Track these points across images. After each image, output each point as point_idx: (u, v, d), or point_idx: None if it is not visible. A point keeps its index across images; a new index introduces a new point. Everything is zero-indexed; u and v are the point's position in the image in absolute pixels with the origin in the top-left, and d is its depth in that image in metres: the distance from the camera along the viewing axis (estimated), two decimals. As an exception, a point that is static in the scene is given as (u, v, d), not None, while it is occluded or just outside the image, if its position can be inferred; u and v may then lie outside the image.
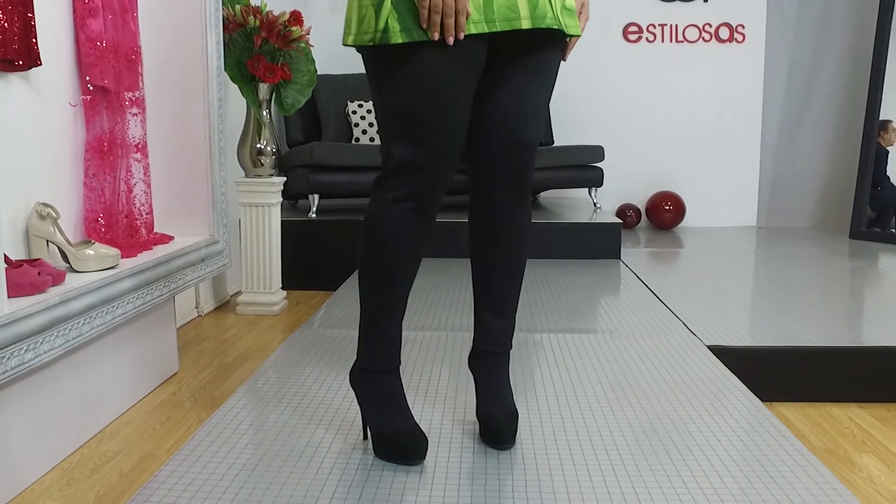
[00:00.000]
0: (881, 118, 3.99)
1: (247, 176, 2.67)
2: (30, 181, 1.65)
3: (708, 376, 1.67)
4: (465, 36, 1.09)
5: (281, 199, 2.73)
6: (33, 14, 1.61)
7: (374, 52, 1.14)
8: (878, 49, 3.95)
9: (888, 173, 4.11)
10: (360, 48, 1.17)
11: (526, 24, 1.13)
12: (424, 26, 1.08)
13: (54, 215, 1.64)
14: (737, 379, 1.65)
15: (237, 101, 2.78)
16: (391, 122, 1.16)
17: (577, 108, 4.18)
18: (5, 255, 1.48)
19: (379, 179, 1.20)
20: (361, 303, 1.25)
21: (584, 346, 1.89)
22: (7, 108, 1.58)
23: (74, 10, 1.82)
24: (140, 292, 1.75)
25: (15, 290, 1.41)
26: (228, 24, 2.49)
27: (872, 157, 3.97)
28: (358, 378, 1.26)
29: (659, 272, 2.93)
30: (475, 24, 1.10)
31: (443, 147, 1.15)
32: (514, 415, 1.30)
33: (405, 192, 1.17)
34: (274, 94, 2.67)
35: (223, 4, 2.49)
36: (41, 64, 1.63)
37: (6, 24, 1.56)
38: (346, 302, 2.41)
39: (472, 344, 1.36)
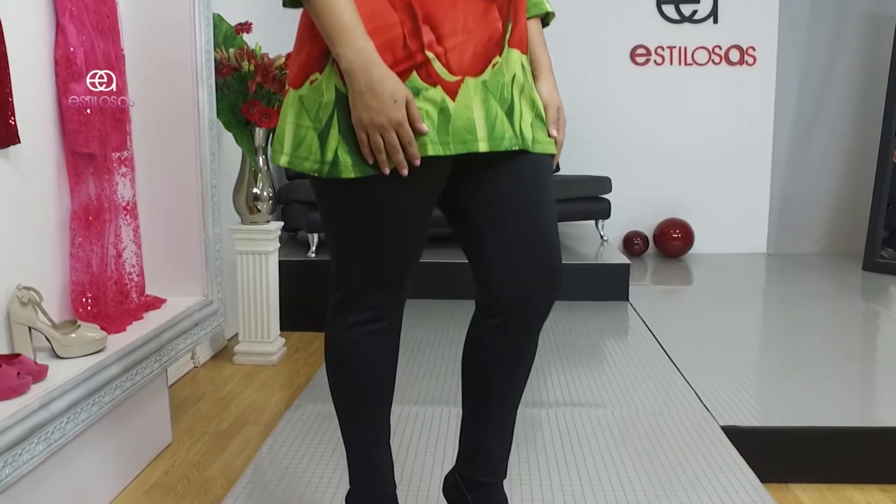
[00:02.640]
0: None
1: (243, 222, 2.59)
2: (10, 262, 1.57)
3: (721, 468, 1.59)
4: (423, 160, 1.00)
5: (279, 245, 2.65)
6: (11, 90, 1.53)
7: (320, 179, 1.04)
8: (895, 68, 3.82)
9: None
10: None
11: (483, 147, 1.03)
12: (370, 162, 0.99)
13: (37, 299, 1.57)
14: (752, 473, 1.57)
15: (232, 144, 2.69)
16: (344, 249, 1.08)
17: (582, 132, 4.08)
18: (-17, 352, 1.41)
19: (336, 304, 1.13)
20: (341, 431, 1.18)
21: (590, 425, 1.81)
22: (-15, 191, 1.50)
23: (57, 76, 1.73)
24: (129, 374, 1.68)
25: (-9, 396, 1.34)
26: (222, 69, 2.40)
27: (888, 182, 3.86)
28: (354, 505, 1.19)
29: (668, 320, 2.82)
30: (433, 146, 1.00)
31: (402, 269, 1.09)
32: None
33: (366, 315, 1.10)
34: (270, 138, 2.58)
35: (216, 46, 2.40)
36: (20, 142, 1.54)
37: (-18, 103, 1.48)
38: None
39: (458, 474, 1.22)
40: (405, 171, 0.99)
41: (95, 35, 1.84)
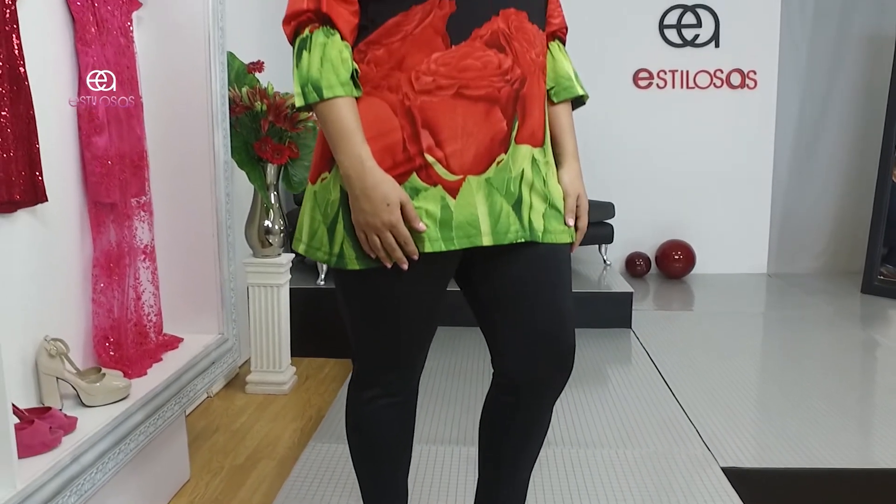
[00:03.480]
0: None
1: (255, 256, 2.65)
2: (37, 313, 1.63)
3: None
4: (426, 254, 1.06)
5: (290, 277, 2.71)
6: (38, 148, 1.58)
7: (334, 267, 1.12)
8: (895, 86, 3.86)
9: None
10: None
11: (487, 241, 1.08)
12: (373, 257, 1.06)
13: (64, 350, 1.63)
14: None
15: (243, 178, 2.75)
16: (358, 331, 1.16)
17: (585, 154, 4.08)
18: (15, 406, 1.47)
19: (353, 378, 1.21)
20: (361, 492, 1.25)
21: (595, 466, 1.86)
22: (12, 248, 1.55)
23: (80, 129, 1.79)
24: (152, 419, 1.74)
25: (26, 451, 1.40)
26: (235, 108, 2.46)
27: (887, 204, 3.92)
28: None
29: (671, 349, 2.89)
30: (432, 242, 1.05)
31: (412, 352, 1.16)
32: None
33: (380, 391, 1.18)
34: (282, 172, 2.64)
35: (229, 85, 2.46)
36: (47, 200, 1.60)
37: (11, 164, 1.53)
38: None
39: None
40: (405, 266, 1.05)
41: (115, 86, 1.90)
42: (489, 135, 1.06)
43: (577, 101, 1.25)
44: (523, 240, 1.10)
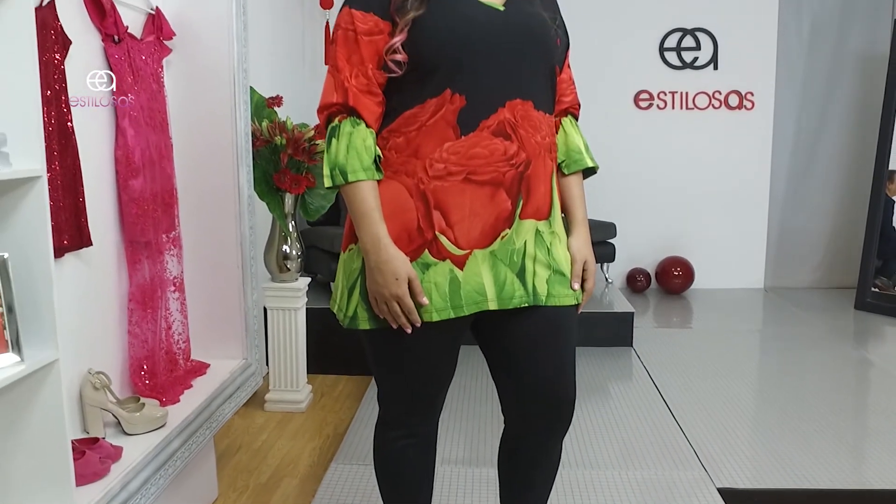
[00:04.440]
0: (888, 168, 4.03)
1: (273, 280, 2.77)
2: (80, 347, 1.75)
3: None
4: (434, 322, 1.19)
5: (306, 300, 2.84)
6: (84, 198, 1.70)
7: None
8: (888, 101, 3.99)
9: (895, 223, 4.18)
10: None
11: (493, 306, 1.20)
12: (381, 317, 1.20)
13: (107, 383, 1.75)
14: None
15: (262, 205, 2.87)
16: (380, 379, 1.31)
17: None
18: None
19: (378, 419, 1.36)
20: None
21: (597, 487, 1.97)
22: (60, 289, 1.66)
23: (117, 173, 1.91)
24: (187, 444, 1.86)
25: (80, 481, 1.52)
26: (255, 141, 2.58)
27: (881, 217, 4.03)
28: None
29: (670, 368, 3.01)
30: (438, 312, 1.18)
31: (429, 398, 1.30)
32: None
33: (402, 431, 1.33)
34: (299, 200, 2.76)
35: (250, 120, 2.58)
36: (92, 244, 1.72)
37: (61, 212, 1.65)
38: (371, 419, 2.52)
39: None
40: (409, 330, 1.18)
41: (148, 130, 2.02)
42: (494, 214, 1.18)
43: (589, 171, 1.36)
44: (526, 304, 1.21)
